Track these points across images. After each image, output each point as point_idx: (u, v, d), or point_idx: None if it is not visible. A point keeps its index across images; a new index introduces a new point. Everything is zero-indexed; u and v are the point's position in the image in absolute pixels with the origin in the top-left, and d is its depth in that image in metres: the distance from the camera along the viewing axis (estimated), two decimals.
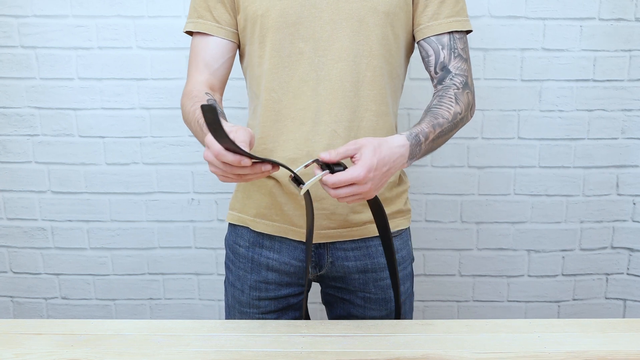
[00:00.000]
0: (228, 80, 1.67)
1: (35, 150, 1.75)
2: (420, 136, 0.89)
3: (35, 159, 1.76)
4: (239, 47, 1.07)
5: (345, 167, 0.82)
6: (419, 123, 0.92)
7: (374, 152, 0.81)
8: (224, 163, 0.77)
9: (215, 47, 1.03)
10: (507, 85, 1.70)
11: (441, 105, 0.95)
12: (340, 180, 0.79)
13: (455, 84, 0.98)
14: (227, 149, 0.76)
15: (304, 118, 0.98)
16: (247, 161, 0.76)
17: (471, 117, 1.02)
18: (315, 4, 0.96)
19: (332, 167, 0.81)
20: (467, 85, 1.00)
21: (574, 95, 1.71)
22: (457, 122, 0.96)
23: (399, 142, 0.86)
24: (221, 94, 1.07)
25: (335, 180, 0.79)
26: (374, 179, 0.81)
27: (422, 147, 0.90)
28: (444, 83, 0.99)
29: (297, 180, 0.85)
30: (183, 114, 1.01)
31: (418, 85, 1.68)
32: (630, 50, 1.67)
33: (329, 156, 0.80)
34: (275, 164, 0.81)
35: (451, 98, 0.96)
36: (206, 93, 0.99)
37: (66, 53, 1.67)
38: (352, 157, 0.82)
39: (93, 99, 1.70)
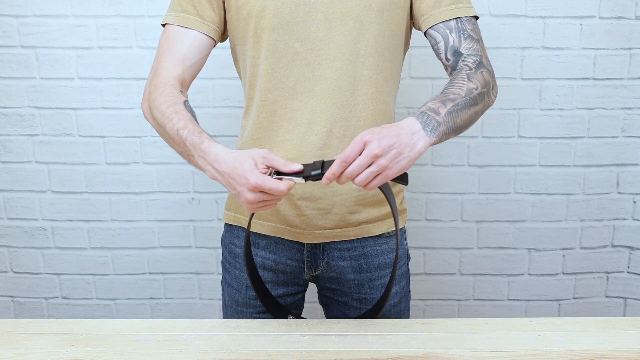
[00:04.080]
0: (228, 80, 1.68)
1: (35, 150, 1.75)
2: (425, 109, 0.84)
3: (36, 158, 1.76)
4: (215, 44, 1.05)
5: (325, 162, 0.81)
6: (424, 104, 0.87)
7: (379, 129, 0.79)
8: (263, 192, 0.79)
9: (195, 41, 1.00)
10: (507, 83, 1.70)
11: (452, 86, 0.90)
12: (345, 157, 0.76)
13: (467, 65, 0.94)
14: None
15: (299, 119, 0.98)
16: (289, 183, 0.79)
17: (494, 97, 0.98)
18: (310, 3, 0.95)
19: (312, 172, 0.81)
20: (482, 64, 0.95)
21: (574, 94, 1.71)
22: (475, 97, 0.90)
23: (406, 121, 0.82)
24: (187, 89, 1.03)
25: (342, 158, 0.76)
26: (380, 138, 0.78)
27: (435, 119, 0.84)
28: (458, 67, 0.95)
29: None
30: (153, 108, 0.95)
31: (418, 84, 1.68)
32: (630, 49, 1.67)
33: (340, 163, 0.78)
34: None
35: (463, 78, 0.91)
36: (180, 91, 0.96)
37: (66, 53, 1.67)
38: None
39: (93, 98, 1.70)
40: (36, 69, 1.68)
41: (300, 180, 0.81)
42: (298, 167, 0.81)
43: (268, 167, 0.81)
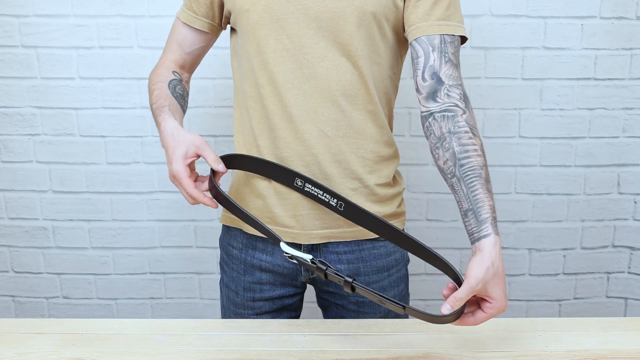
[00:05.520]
0: (229, 80, 1.67)
1: (36, 150, 1.75)
2: (495, 212, 0.89)
3: (37, 158, 1.76)
4: (214, 36, 1.12)
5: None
6: (479, 201, 0.88)
7: (497, 281, 0.82)
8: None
9: (189, 35, 1.09)
10: (508, 84, 1.70)
11: (468, 154, 0.89)
12: (486, 319, 0.82)
13: (457, 105, 0.92)
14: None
15: (290, 116, 0.98)
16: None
17: None
18: (301, 0, 0.95)
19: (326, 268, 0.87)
20: (466, 97, 0.94)
21: (575, 94, 1.71)
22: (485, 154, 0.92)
23: (496, 243, 0.87)
24: (190, 73, 1.15)
25: (484, 320, 0.82)
26: (506, 297, 0.85)
27: (495, 217, 0.90)
28: (438, 99, 0.93)
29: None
30: (149, 85, 1.07)
31: None
32: (631, 49, 1.67)
33: (451, 308, 0.80)
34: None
35: (468, 133, 0.90)
36: (173, 72, 1.08)
37: (67, 52, 1.67)
38: (477, 295, 0.83)
39: (94, 98, 1.70)
40: (37, 68, 1.68)
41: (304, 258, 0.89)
42: (223, 168, 0.93)
43: (198, 156, 0.92)
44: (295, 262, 0.90)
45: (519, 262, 1.84)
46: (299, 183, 0.98)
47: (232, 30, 1.07)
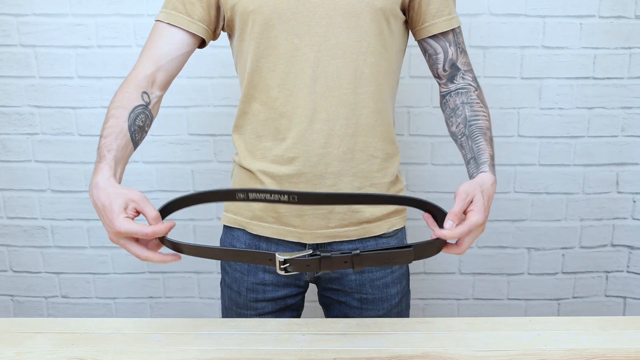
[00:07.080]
0: (228, 79, 1.68)
1: (35, 149, 1.75)
2: (493, 160, 0.96)
3: (35, 157, 1.76)
4: (203, 44, 1.04)
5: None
6: (481, 150, 0.96)
7: (482, 194, 0.85)
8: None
9: (178, 39, 0.99)
10: (507, 83, 1.70)
11: (478, 117, 1.00)
12: (463, 231, 0.82)
13: (470, 84, 1.03)
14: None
15: (300, 116, 0.98)
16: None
17: None
18: None
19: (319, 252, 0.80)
20: (477, 79, 1.05)
21: (573, 93, 1.71)
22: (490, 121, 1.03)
23: (491, 180, 0.91)
24: (164, 89, 1.02)
25: (460, 232, 0.82)
26: (486, 216, 0.85)
27: (494, 163, 0.97)
28: (455, 81, 1.04)
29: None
30: (110, 105, 0.94)
31: (419, 83, 1.68)
32: (630, 48, 1.67)
33: (451, 233, 0.82)
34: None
35: (479, 103, 1.02)
36: (143, 93, 0.96)
37: (65, 52, 1.67)
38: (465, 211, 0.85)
39: (93, 97, 1.70)
40: (35, 68, 1.68)
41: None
42: (161, 228, 0.80)
43: (138, 213, 0.81)
44: (293, 272, 0.81)
45: (517, 261, 1.84)
46: (241, 196, 0.90)
47: (230, 35, 1.05)
